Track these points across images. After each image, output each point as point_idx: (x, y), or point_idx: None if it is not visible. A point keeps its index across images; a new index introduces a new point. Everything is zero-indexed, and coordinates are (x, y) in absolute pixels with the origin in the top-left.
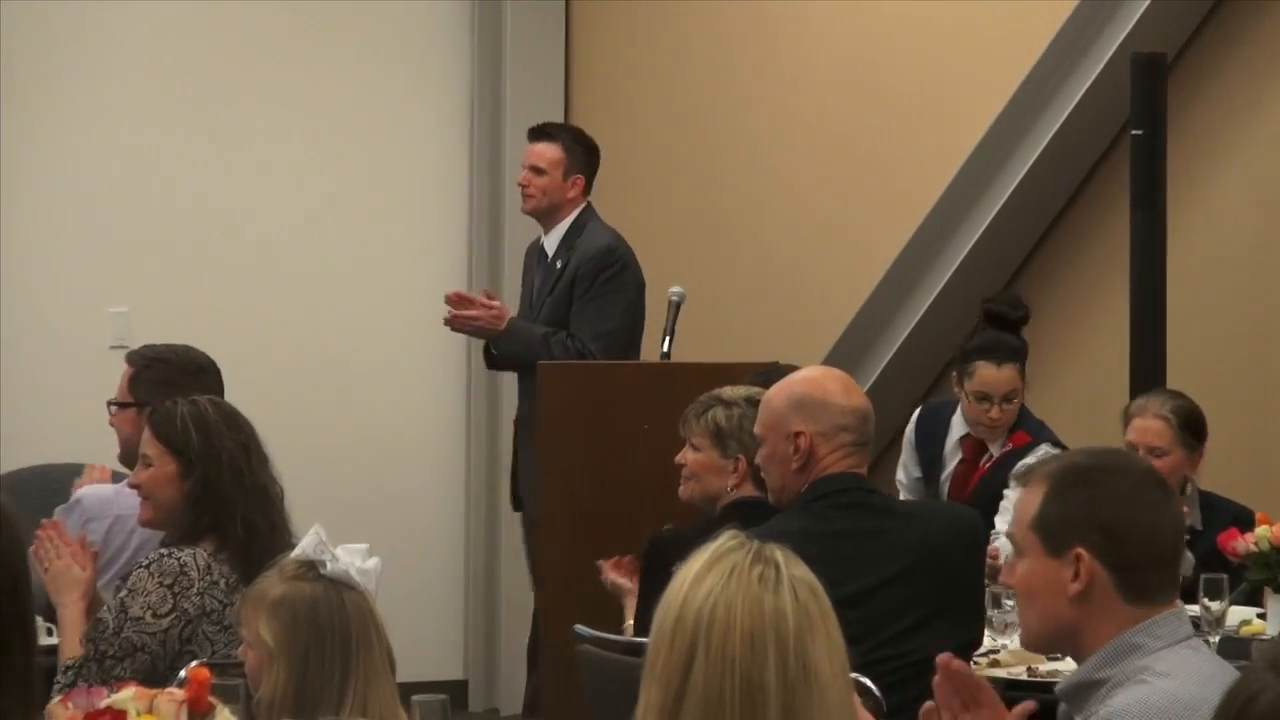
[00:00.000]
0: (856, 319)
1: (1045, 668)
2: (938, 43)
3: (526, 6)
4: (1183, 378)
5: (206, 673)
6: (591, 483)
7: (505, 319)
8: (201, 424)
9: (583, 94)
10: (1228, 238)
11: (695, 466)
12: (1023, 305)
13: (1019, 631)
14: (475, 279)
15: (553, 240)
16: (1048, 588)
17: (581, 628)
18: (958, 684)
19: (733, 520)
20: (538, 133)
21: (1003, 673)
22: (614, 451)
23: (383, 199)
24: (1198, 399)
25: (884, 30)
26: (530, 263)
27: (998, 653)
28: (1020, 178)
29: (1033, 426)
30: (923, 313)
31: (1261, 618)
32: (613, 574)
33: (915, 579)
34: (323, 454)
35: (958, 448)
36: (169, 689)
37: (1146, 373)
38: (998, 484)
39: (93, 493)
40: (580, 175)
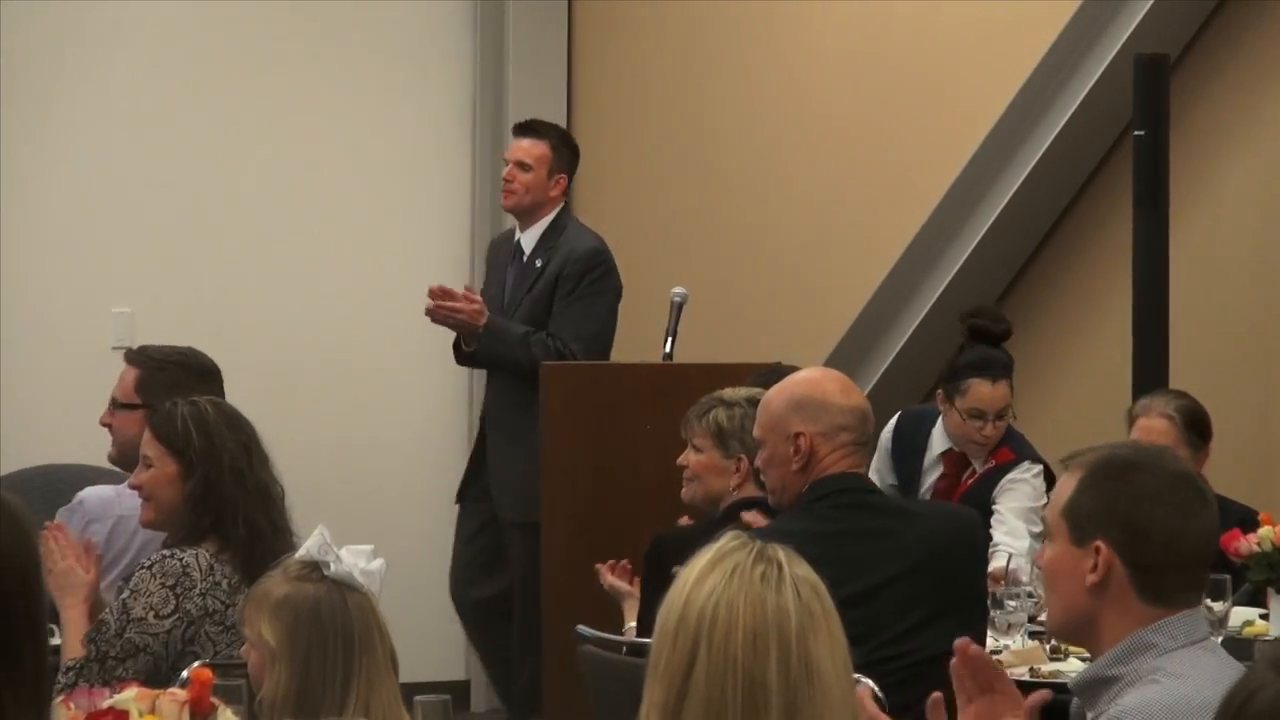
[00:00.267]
0: (859, 319)
1: (1048, 668)
2: (940, 44)
3: (528, 6)
4: (1185, 378)
5: (209, 673)
6: (593, 484)
7: (485, 315)
8: (202, 425)
9: (584, 94)
10: (1230, 238)
11: (697, 468)
12: (1004, 319)
13: (1021, 631)
14: (476, 279)
15: (530, 238)
16: (1069, 575)
17: (584, 628)
18: (974, 668)
19: (735, 521)
20: (525, 128)
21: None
22: (616, 452)
23: (384, 199)
24: (1200, 399)
25: (886, 31)
26: (498, 259)
27: (1000, 653)
28: (1023, 178)
29: (1017, 443)
30: (926, 313)
31: (1264, 618)
32: (611, 578)
33: (917, 579)
34: (324, 454)
35: (938, 462)
36: (171, 689)
37: (1149, 373)
38: (981, 500)
39: (95, 494)
40: (563, 175)
